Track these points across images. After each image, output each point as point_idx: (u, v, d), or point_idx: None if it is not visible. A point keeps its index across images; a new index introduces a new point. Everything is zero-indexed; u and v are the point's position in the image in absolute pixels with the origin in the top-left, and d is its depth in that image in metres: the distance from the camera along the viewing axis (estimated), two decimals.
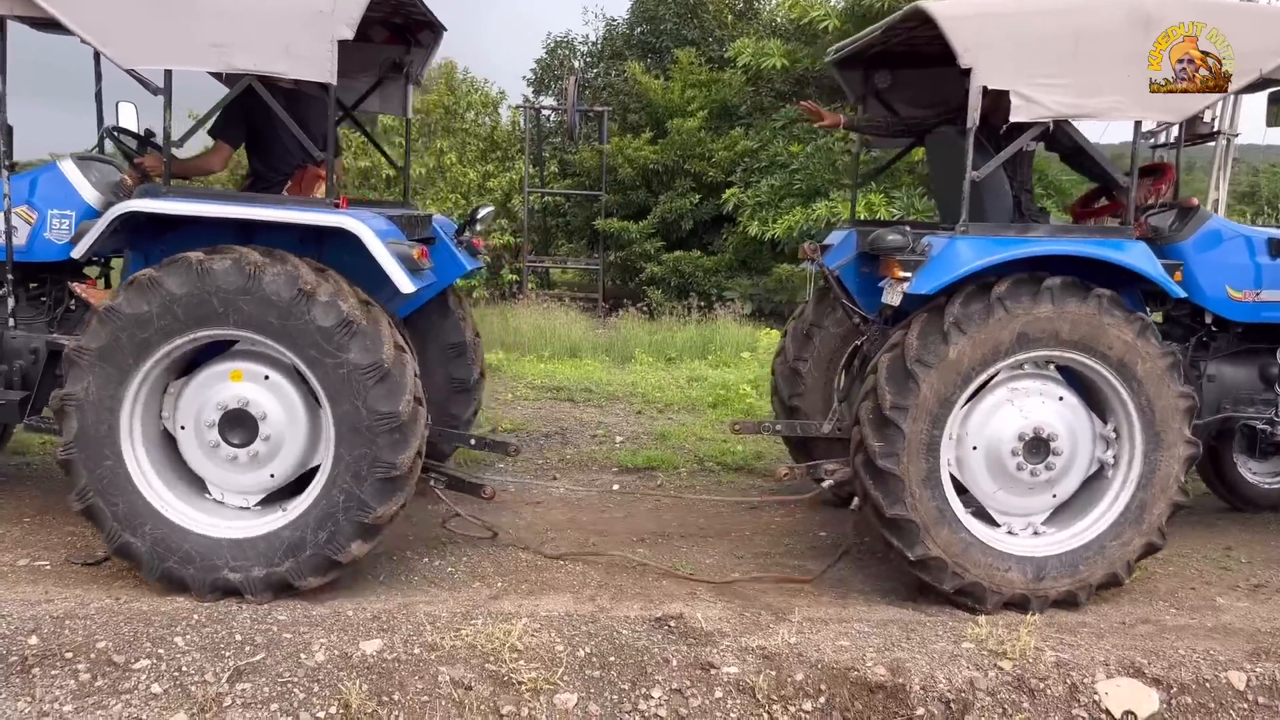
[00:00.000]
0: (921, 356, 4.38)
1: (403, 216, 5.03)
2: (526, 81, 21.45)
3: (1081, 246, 4.52)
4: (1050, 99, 4.42)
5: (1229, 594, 4.96)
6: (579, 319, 12.76)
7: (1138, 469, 4.61)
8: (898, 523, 4.46)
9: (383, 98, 5.91)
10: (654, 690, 3.74)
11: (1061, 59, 4.39)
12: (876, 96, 6.00)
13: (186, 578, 4.34)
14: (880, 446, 4.42)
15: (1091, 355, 4.49)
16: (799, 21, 14.54)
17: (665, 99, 16.56)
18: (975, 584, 4.49)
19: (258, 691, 3.61)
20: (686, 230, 15.67)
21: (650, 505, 6.14)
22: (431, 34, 5.71)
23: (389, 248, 4.38)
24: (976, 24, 4.41)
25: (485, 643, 3.87)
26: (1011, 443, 4.54)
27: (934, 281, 4.40)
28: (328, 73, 4.35)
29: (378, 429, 4.25)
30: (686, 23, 19.21)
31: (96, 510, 4.36)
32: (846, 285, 5.67)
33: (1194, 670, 3.98)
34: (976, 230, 4.55)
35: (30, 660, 3.71)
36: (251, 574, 4.31)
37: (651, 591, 4.70)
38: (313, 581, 4.35)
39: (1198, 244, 5.20)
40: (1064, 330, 4.42)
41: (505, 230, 15.98)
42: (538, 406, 8.35)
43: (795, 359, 6.11)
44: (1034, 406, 4.58)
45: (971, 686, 3.81)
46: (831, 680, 3.82)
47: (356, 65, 5.71)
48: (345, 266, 4.48)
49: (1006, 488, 4.63)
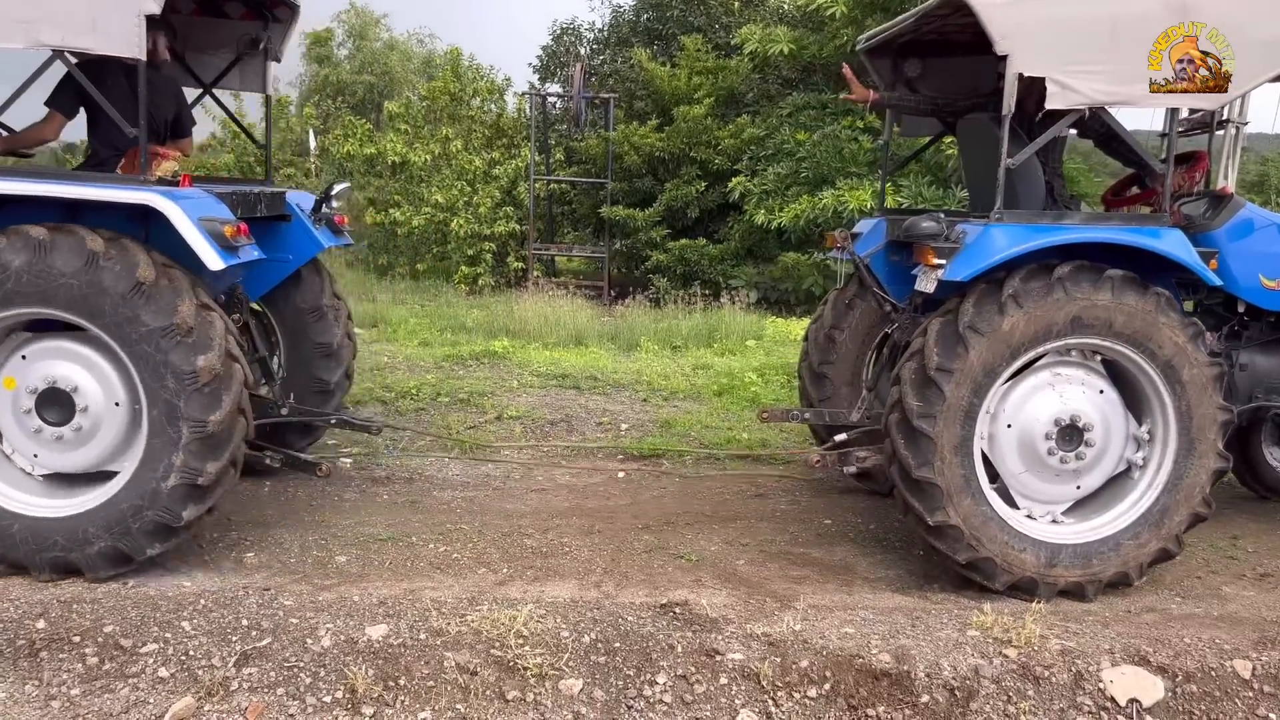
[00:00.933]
0: (975, 324, 4.38)
1: (241, 194, 5.06)
2: (532, 68, 21.40)
3: (1119, 234, 4.51)
4: (1087, 85, 4.39)
5: (1235, 583, 4.95)
6: (584, 307, 12.74)
7: (1166, 473, 4.62)
8: (922, 485, 4.46)
9: (243, 74, 5.96)
10: (659, 676, 3.75)
11: (1098, 45, 4.37)
12: (906, 84, 5.98)
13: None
14: (919, 406, 4.43)
15: (1141, 351, 4.49)
16: (806, 8, 14.47)
17: (671, 86, 16.49)
18: (988, 559, 4.50)
19: (264, 676, 3.63)
20: (692, 218, 15.62)
21: (655, 492, 6.15)
22: (289, 10, 5.75)
23: (200, 225, 4.37)
24: (1013, 10, 4.39)
25: (491, 628, 3.88)
26: (1047, 426, 4.55)
27: (969, 268, 4.40)
28: (136, 48, 4.31)
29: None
30: (693, 9, 19.11)
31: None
32: (877, 273, 5.69)
33: (1199, 659, 3.98)
34: (1011, 217, 4.54)
35: (38, 644, 3.74)
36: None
37: (656, 578, 4.70)
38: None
39: (1231, 232, 5.18)
40: (1118, 321, 4.42)
41: (511, 218, 15.95)
42: (543, 394, 8.35)
43: (820, 363, 6.11)
44: (1074, 394, 4.59)
45: (976, 674, 3.81)
46: (836, 667, 3.82)
47: (214, 41, 5.82)
48: (173, 244, 4.45)
49: (1033, 471, 4.64)
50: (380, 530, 5.22)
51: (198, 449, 4.32)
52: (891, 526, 5.58)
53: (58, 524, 4.37)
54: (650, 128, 15.92)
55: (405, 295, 14.65)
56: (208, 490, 4.40)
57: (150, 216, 4.47)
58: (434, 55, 31.81)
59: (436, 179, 16.21)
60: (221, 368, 4.34)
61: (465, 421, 7.37)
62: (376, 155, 16.60)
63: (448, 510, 5.61)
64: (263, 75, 5.91)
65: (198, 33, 5.87)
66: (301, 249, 5.70)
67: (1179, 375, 4.51)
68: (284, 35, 5.87)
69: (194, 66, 5.92)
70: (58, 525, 4.36)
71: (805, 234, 13.59)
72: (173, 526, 4.36)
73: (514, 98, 18.44)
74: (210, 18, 5.82)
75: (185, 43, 5.87)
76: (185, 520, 4.37)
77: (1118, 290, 4.41)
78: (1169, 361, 4.50)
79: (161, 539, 4.39)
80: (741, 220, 14.74)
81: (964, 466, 4.47)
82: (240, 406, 4.49)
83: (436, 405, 7.79)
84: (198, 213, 4.42)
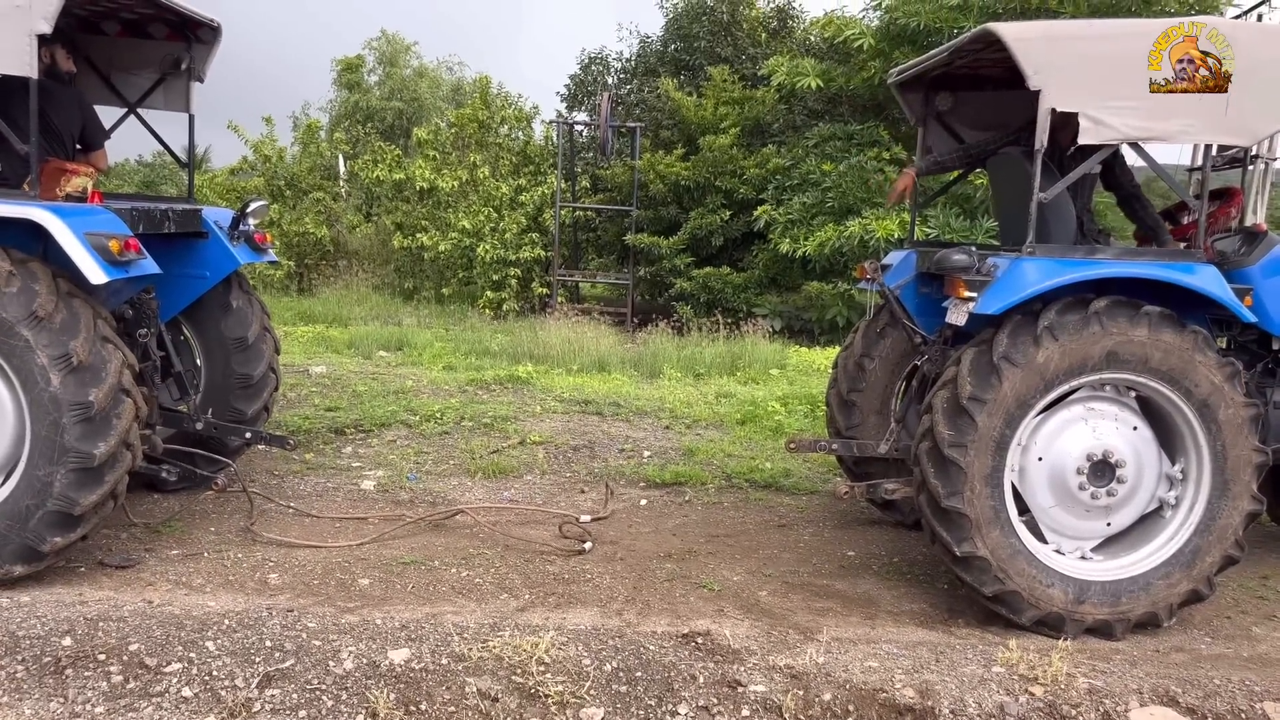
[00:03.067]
0: (1009, 354, 4.37)
1: (143, 210, 5.14)
2: (560, 97, 21.60)
3: (1152, 269, 4.49)
4: (1120, 121, 4.41)
5: (1265, 623, 4.88)
6: (608, 333, 12.78)
7: (1199, 514, 4.58)
8: (952, 515, 4.44)
9: (167, 94, 6.10)
10: (680, 707, 3.73)
11: (1132, 82, 4.38)
12: (938, 119, 6.01)
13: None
14: (950, 435, 4.42)
15: (1176, 389, 4.47)
16: (833, 40, 14.55)
17: (698, 116, 16.58)
18: (1014, 593, 4.46)
19: (286, 698, 3.63)
20: (716, 246, 15.66)
21: (678, 520, 6.13)
22: (211, 31, 5.87)
23: (85, 239, 4.43)
24: (1046, 46, 4.41)
25: (512, 655, 3.87)
26: (1079, 461, 4.52)
27: (1000, 302, 4.39)
28: (27, 66, 4.39)
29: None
30: (720, 40, 19.24)
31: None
32: (906, 305, 5.70)
33: (1229, 700, 3.91)
34: (1043, 251, 4.54)
35: (64, 661, 3.76)
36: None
37: (679, 607, 4.68)
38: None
39: (1265, 269, 5.15)
40: (1155, 358, 4.40)
41: (536, 244, 16.05)
42: (566, 420, 8.37)
43: (850, 391, 6.10)
44: (1107, 430, 4.56)
45: (1002, 711, 3.76)
46: (859, 701, 3.79)
47: (138, 62, 5.98)
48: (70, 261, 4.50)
49: (1063, 505, 4.60)
50: (403, 553, 5.23)
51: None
52: (915, 559, 5.54)
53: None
54: (676, 156, 16.00)
55: (430, 319, 14.75)
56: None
57: (45, 232, 4.52)
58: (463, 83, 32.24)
59: (463, 205, 16.34)
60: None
61: (489, 446, 7.39)
62: (405, 181, 16.77)
63: (470, 534, 5.62)
64: (186, 95, 6.06)
65: (122, 53, 6.04)
66: (218, 265, 5.83)
67: (1215, 415, 4.48)
68: (206, 56, 6.00)
69: (119, 86, 6.07)
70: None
71: (830, 263, 13.59)
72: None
73: (541, 126, 18.60)
74: (134, 38, 5.97)
75: (110, 63, 6.04)
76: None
77: (1154, 326, 4.39)
78: (1205, 400, 4.47)
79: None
80: (766, 249, 14.76)
81: (994, 498, 4.44)
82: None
83: (460, 429, 7.82)
84: (85, 228, 4.48)
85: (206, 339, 6.05)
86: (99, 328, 4.51)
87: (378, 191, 18.01)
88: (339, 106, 30.30)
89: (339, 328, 13.33)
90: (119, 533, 5.33)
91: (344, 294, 15.95)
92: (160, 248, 5.21)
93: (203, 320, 6.02)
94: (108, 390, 4.44)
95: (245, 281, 6.19)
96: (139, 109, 6.10)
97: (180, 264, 5.72)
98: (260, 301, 6.28)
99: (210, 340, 6.05)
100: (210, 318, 6.01)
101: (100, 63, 6.03)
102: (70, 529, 4.47)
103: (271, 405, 6.37)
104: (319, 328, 13.18)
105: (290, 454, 6.75)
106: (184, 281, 5.76)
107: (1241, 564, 5.59)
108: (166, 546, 5.21)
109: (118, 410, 4.49)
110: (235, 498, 5.89)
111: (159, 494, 5.93)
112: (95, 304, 4.59)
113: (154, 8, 5.48)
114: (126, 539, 5.29)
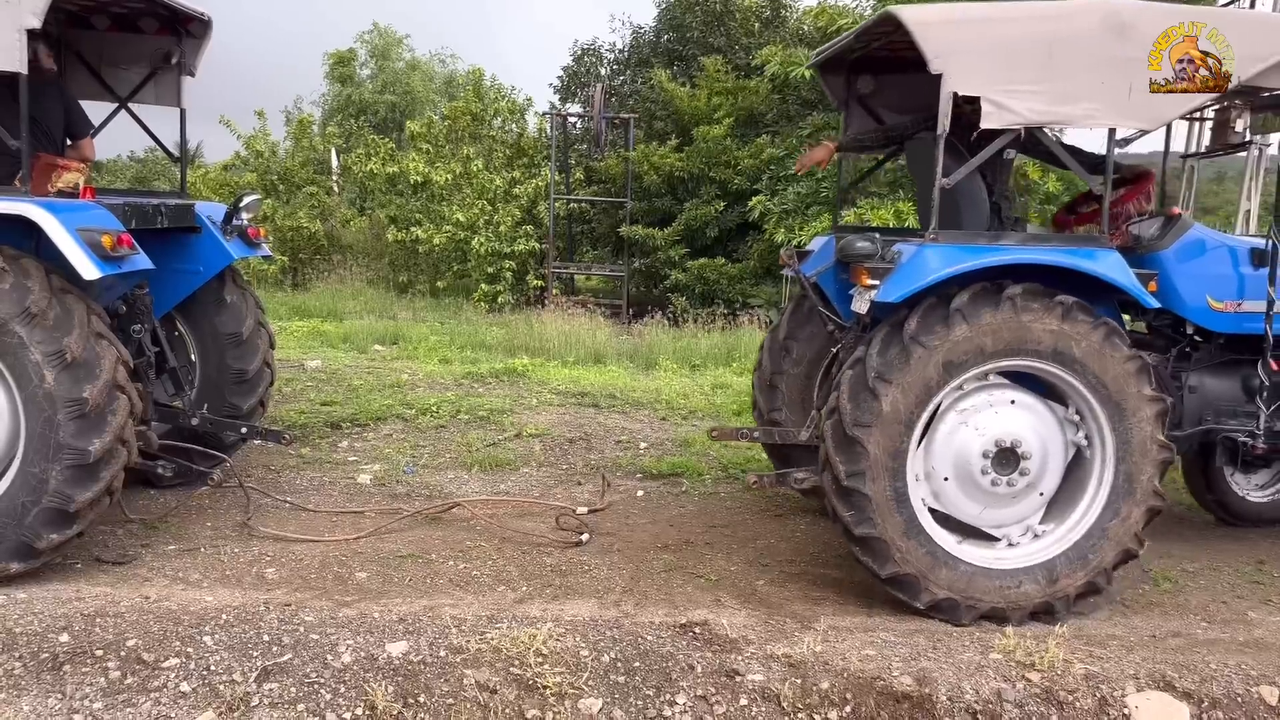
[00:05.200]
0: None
1: (136, 205, 5.13)
2: (553, 89, 21.57)
3: (1052, 255, 4.42)
4: (1022, 105, 4.34)
5: (1261, 608, 4.89)
6: (603, 325, 12.76)
7: (1111, 441, 4.50)
8: (897, 579, 4.45)
9: (158, 89, 6.07)
10: (679, 697, 3.73)
11: (1035, 65, 4.32)
12: (860, 102, 5.93)
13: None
14: (851, 515, 4.43)
15: (1022, 356, 4.39)
16: (826, 29, 14.52)
17: (691, 106, 16.56)
18: (992, 608, 4.48)
19: (284, 692, 3.63)
20: (711, 238, 15.66)
21: (674, 512, 6.14)
22: (201, 25, 5.86)
23: (77, 235, 4.42)
24: (948, 30, 4.34)
25: (510, 646, 3.87)
26: (980, 462, 4.48)
27: (901, 289, 4.31)
28: (17, 62, 4.38)
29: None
30: (713, 30, 19.21)
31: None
32: (826, 292, 5.61)
33: (1225, 685, 3.93)
34: (947, 238, 4.47)
35: (61, 657, 3.75)
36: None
37: (676, 597, 4.69)
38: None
39: (1179, 253, 5.10)
40: (988, 345, 4.34)
41: (531, 236, 16.03)
42: (562, 412, 8.36)
43: (773, 373, 6.06)
44: (987, 420, 4.50)
45: (999, 698, 3.78)
46: (857, 689, 3.79)
47: (128, 56, 5.96)
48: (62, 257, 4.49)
49: (991, 504, 4.58)
50: (400, 547, 5.23)
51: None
52: None
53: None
54: (670, 148, 15.99)
55: (425, 313, 14.73)
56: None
57: (37, 228, 4.51)
58: (455, 76, 32.18)
59: (457, 198, 16.32)
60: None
61: (485, 439, 7.38)
62: (398, 174, 16.75)
63: (467, 527, 5.62)
64: (177, 90, 6.04)
65: (112, 48, 6.02)
66: (211, 260, 5.81)
67: (1071, 356, 4.39)
68: (197, 50, 5.98)
69: (109, 81, 6.05)
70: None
71: None
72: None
73: (535, 118, 18.60)
74: (124, 33, 5.95)
75: (100, 58, 6.02)
76: None
77: (970, 318, 4.32)
78: (1055, 349, 4.37)
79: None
80: (760, 240, 14.75)
81: (922, 545, 4.43)
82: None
83: (456, 423, 7.81)
84: (77, 223, 4.47)
85: (201, 334, 6.04)
86: (93, 324, 4.50)
87: (371, 185, 17.98)
88: (331, 100, 30.25)
89: (333, 322, 13.30)
90: (115, 529, 5.32)
91: (338, 288, 15.93)
92: (153, 243, 5.20)
93: (197, 316, 6.00)
94: (102, 386, 4.42)
95: (239, 276, 6.18)
96: (130, 104, 6.08)
97: (174, 259, 5.70)
98: (255, 296, 6.27)
99: (205, 336, 6.04)
100: (204, 313, 5.99)
101: (91, 58, 6.01)
102: (66, 526, 4.46)
103: (267, 400, 6.37)
104: (313, 322, 13.15)
105: (286, 449, 6.74)
106: (177, 277, 5.75)
107: (1237, 550, 5.66)
108: (163, 542, 5.21)
109: (112, 406, 4.48)
110: (231, 493, 5.88)
111: (155, 490, 5.92)
112: (88, 300, 4.57)
113: (144, 2, 5.45)
114: (123, 535, 5.28)
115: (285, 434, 6.02)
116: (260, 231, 6.20)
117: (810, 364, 5.97)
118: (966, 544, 4.62)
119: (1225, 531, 5.94)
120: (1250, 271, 5.11)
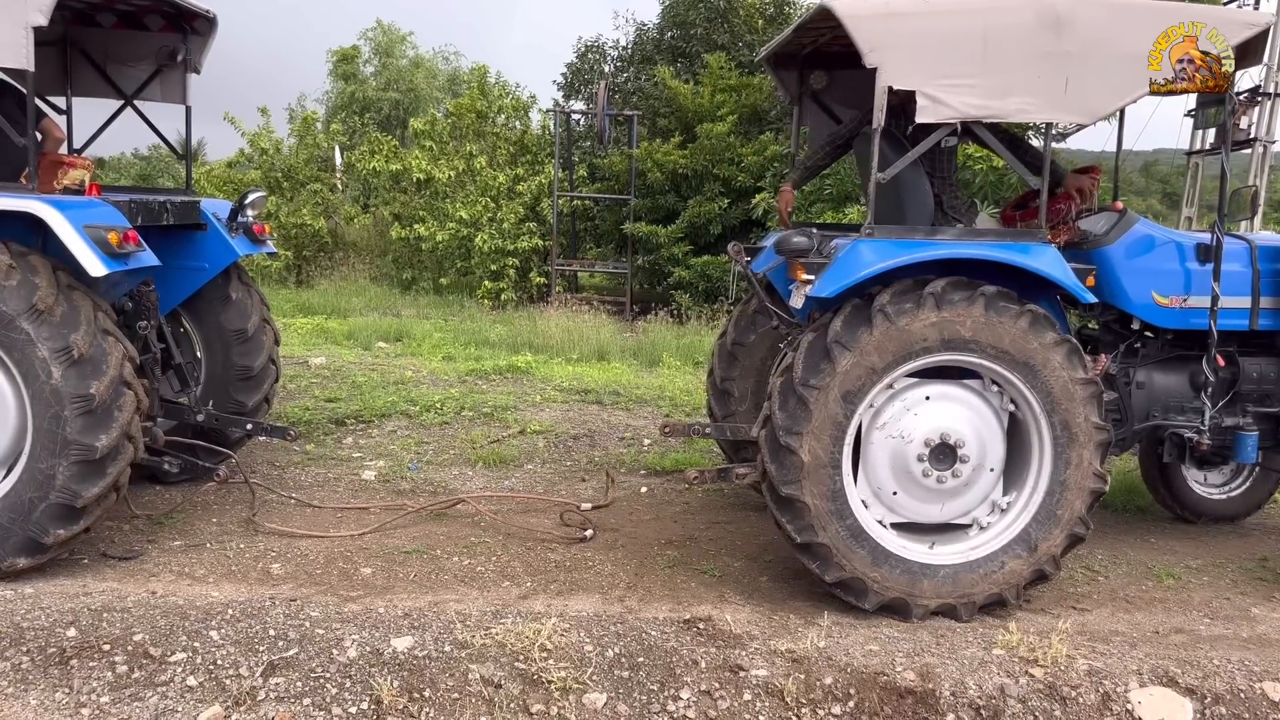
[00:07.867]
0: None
1: (141, 202, 5.13)
2: (557, 86, 21.53)
3: (987, 250, 4.37)
4: (958, 100, 4.30)
5: (1264, 604, 4.89)
6: (607, 322, 12.78)
7: (1034, 398, 4.42)
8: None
9: (163, 86, 6.08)
10: (683, 692, 3.75)
11: (969, 60, 4.28)
12: (813, 97, 5.90)
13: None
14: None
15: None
16: None
17: (695, 104, 16.55)
18: (989, 595, 4.49)
19: (291, 686, 3.65)
20: (715, 235, 15.64)
21: (678, 508, 6.15)
22: (206, 23, 5.86)
23: (83, 232, 4.43)
24: (882, 23, 4.29)
25: (515, 641, 3.89)
26: (918, 466, 4.45)
27: (835, 285, 4.26)
28: (24, 59, 4.38)
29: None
30: (717, 27, 19.18)
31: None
32: (778, 288, 5.55)
33: (1228, 681, 3.94)
34: (882, 233, 4.41)
35: (69, 652, 3.78)
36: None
37: (680, 593, 4.70)
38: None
39: (1124, 249, 5.07)
40: (887, 350, 4.28)
41: (534, 234, 16.04)
42: (566, 409, 8.38)
43: (723, 378, 6.04)
44: (910, 424, 4.46)
45: (1002, 693, 3.79)
46: (860, 684, 3.81)
47: (134, 54, 5.95)
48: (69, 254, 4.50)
49: (948, 499, 4.55)
50: (404, 543, 5.25)
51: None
52: None
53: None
54: (673, 145, 15.98)
55: (429, 310, 14.75)
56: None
57: (44, 225, 4.52)
58: (459, 72, 32.19)
59: (461, 195, 16.32)
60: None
61: (489, 435, 7.40)
62: (402, 171, 16.75)
63: (471, 523, 5.64)
64: (183, 87, 6.05)
65: (117, 45, 6.02)
66: (217, 257, 5.83)
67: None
68: (202, 47, 6.00)
69: (115, 79, 6.05)
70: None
71: None
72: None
73: (538, 115, 18.58)
74: (129, 30, 5.96)
75: (105, 55, 6.02)
76: None
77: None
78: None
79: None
80: (764, 237, 14.75)
81: (892, 568, 4.42)
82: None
83: (460, 419, 7.83)
84: (83, 220, 4.49)
85: (206, 331, 6.06)
86: (99, 320, 4.52)
87: (375, 182, 18.00)
88: (335, 98, 30.27)
89: (338, 319, 13.33)
90: (121, 524, 5.34)
91: (342, 285, 15.95)
92: (159, 240, 5.22)
93: (202, 312, 6.02)
94: (109, 383, 4.44)
95: (244, 273, 6.19)
96: (135, 101, 6.10)
97: (179, 256, 5.72)
98: (260, 293, 6.28)
99: (210, 332, 6.05)
100: (210, 310, 6.01)
101: (96, 55, 6.02)
102: (73, 521, 4.48)
103: (272, 397, 6.38)
104: (318, 319, 13.17)
105: (291, 445, 6.76)
106: (183, 274, 5.77)
107: (1240, 546, 5.67)
108: (169, 538, 5.23)
109: (119, 402, 4.50)
110: (237, 489, 5.90)
111: (161, 486, 5.94)
112: (95, 297, 4.59)
113: None
114: (129, 531, 5.30)
115: (290, 430, 6.04)
116: (265, 228, 6.21)
117: (762, 361, 5.95)
118: (940, 545, 4.60)
119: (1228, 528, 5.95)
120: (1196, 267, 5.06)
